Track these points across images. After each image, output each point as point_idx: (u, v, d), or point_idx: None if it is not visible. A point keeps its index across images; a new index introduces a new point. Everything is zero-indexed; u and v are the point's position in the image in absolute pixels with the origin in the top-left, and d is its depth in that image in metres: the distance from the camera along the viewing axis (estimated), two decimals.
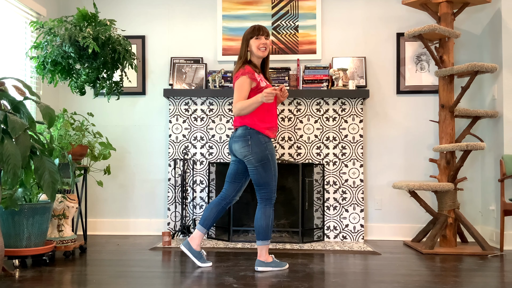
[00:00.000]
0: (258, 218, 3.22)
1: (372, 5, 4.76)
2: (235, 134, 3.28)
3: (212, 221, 3.33)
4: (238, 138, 3.25)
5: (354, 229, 4.47)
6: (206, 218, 3.33)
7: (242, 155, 3.23)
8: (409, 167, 4.66)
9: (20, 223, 3.20)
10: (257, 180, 3.22)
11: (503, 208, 3.89)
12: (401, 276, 3.08)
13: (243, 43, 3.29)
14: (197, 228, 3.36)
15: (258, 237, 3.23)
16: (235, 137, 3.27)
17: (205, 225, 3.33)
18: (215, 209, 3.35)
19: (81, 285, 2.78)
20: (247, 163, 3.23)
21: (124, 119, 4.86)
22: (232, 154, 3.36)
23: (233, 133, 3.31)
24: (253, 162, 3.20)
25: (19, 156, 2.71)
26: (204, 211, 3.37)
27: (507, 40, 4.22)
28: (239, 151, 3.25)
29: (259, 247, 3.23)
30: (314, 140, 4.54)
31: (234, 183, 3.37)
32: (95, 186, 4.82)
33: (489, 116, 4.19)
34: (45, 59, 3.65)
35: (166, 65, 4.85)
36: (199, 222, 3.37)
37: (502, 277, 3.09)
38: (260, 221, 3.21)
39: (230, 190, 3.37)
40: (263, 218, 3.21)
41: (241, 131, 3.24)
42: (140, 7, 4.89)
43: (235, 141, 3.27)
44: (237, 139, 3.25)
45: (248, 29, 3.30)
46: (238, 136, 3.25)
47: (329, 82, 4.59)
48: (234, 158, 3.36)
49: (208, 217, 3.33)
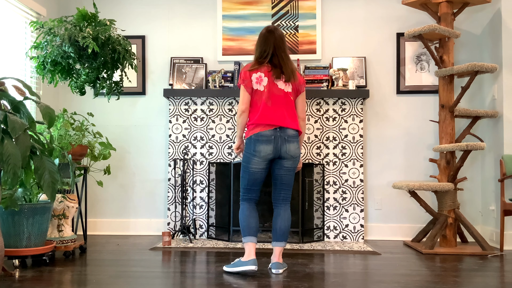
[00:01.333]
0: (286, 219, 3.22)
1: (372, 5, 4.76)
2: (289, 133, 3.18)
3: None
4: (294, 139, 3.20)
5: (354, 229, 4.47)
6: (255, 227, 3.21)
7: (296, 155, 3.21)
8: (409, 167, 4.66)
9: (20, 223, 3.20)
10: (291, 181, 3.27)
11: (503, 208, 3.89)
12: (401, 276, 3.08)
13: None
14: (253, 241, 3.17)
15: (285, 238, 3.20)
16: (291, 137, 3.19)
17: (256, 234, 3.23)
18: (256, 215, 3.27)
19: (81, 285, 2.78)
20: (293, 163, 3.22)
21: (124, 119, 4.86)
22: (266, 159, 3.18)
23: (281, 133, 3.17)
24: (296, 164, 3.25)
25: (19, 156, 2.71)
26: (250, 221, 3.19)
27: (507, 40, 4.22)
28: (294, 152, 3.19)
29: (283, 248, 3.21)
30: (314, 140, 4.54)
31: (260, 188, 3.29)
32: (95, 186, 4.82)
33: (489, 116, 4.19)
34: (45, 59, 3.65)
35: (166, 65, 4.85)
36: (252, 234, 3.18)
37: (502, 277, 3.09)
38: (288, 221, 3.22)
39: (258, 194, 3.30)
40: (290, 218, 3.24)
41: (295, 131, 3.22)
42: (140, 7, 4.89)
43: (290, 142, 3.18)
44: (293, 139, 3.20)
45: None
46: (294, 136, 3.20)
47: (329, 82, 4.59)
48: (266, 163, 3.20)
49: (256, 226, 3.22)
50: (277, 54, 3.22)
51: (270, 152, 3.16)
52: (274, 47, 3.22)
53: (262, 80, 3.20)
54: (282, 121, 3.17)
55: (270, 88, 3.19)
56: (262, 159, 3.16)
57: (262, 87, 3.19)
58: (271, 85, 3.20)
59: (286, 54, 3.25)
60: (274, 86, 3.20)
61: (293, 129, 3.20)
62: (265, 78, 3.19)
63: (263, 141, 3.15)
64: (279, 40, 3.24)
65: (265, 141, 3.15)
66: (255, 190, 3.24)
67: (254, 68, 3.22)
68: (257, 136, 3.16)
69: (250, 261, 3.06)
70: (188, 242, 4.28)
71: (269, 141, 3.15)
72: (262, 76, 3.20)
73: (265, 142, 3.15)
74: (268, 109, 3.17)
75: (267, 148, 3.15)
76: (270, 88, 3.19)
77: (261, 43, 3.26)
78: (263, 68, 3.21)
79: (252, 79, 3.20)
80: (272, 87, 3.20)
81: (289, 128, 3.19)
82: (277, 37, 3.24)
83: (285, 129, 3.18)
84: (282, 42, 3.25)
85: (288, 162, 3.20)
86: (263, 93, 3.19)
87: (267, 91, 3.18)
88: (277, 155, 3.18)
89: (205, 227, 4.55)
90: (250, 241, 3.15)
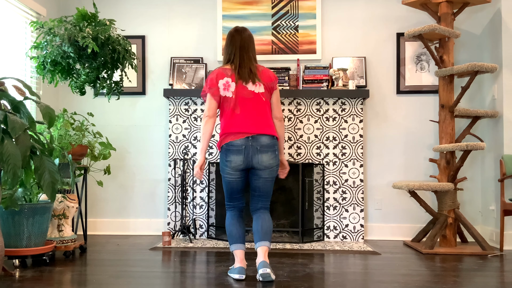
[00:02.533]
0: (267, 220, 3.09)
1: (372, 5, 4.76)
2: (263, 143, 3.03)
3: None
4: (268, 148, 3.04)
5: (354, 229, 4.47)
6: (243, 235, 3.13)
7: (271, 165, 3.06)
8: (409, 167, 4.66)
9: (20, 223, 3.20)
10: (270, 190, 3.14)
11: (503, 208, 3.89)
12: (401, 276, 3.08)
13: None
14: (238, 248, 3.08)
15: (268, 238, 3.06)
16: (264, 147, 3.03)
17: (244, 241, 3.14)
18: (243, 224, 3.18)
19: (81, 285, 2.78)
20: (270, 173, 3.07)
21: (124, 119, 4.86)
22: (237, 169, 3.05)
23: (253, 142, 3.02)
24: (274, 173, 3.12)
25: (19, 156, 2.71)
26: (231, 229, 3.11)
27: (507, 40, 4.22)
28: (268, 162, 3.04)
29: (268, 248, 3.06)
30: (314, 140, 4.54)
31: (244, 195, 3.20)
32: (95, 186, 4.82)
33: (489, 116, 4.19)
34: (45, 59, 3.65)
35: (166, 65, 4.85)
36: (236, 242, 3.09)
37: (502, 277, 3.09)
38: (270, 222, 3.10)
39: (242, 201, 3.20)
40: (271, 220, 3.14)
41: (270, 139, 3.07)
42: (140, 7, 4.89)
43: (263, 152, 3.03)
44: (267, 149, 3.04)
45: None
46: (268, 145, 3.05)
47: (329, 82, 4.59)
48: (240, 173, 3.07)
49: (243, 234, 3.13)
50: (239, 55, 3.09)
51: (240, 163, 3.01)
52: (240, 47, 3.10)
53: (229, 85, 3.05)
54: (254, 128, 3.02)
55: (238, 93, 3.05)
56: (233, 169, 3.03)
57: (230, 93, 3.05)
58: (240, 89, 3.05)
59: (249, 55, 3.11)
60: (243, 89, 3.06)
61: (267, 135, 3.04)
62: (233, 83, 3.05)
63: (234, 151, 3.01)
64: (245, 40, 3.12)
65: (235, 151, 3.01)
66: (237, 198, 3.13)
67: (220, 73, 3.08)
68: (227, 145, 3.03)
69: (235, 269, 2.97)
70: (188, 242, 4.28)
71: (239, 151, 3.00)
72: (230, 82, 3.05)
73: (235, 152, 3.01)
74: (237, 116, 3.04)
75: (237, 158, 3.01)
76: (238, 93, 3.05)
77: (227, 45, 3.15)
78: (229, 72, 3.07)
79: (219, 86, 3.05)
80: (240, 90, 3.05)
81: (263, 134, 3.03)
82: (244, 37, 3.12)
83: (258, 137, 3.02)
84: (248, 42, 3.12)
85: (264, 172, 3.05)
86: (231, 99, 3.05)
87: (235, 97, 3.04)
88: (249, 166, 3.03)
89: (205, 227, 4.55)
90: (235, 249, 3.05)
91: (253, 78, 3.07)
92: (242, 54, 3.10)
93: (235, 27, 3.19)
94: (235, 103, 3.05)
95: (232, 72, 3.08)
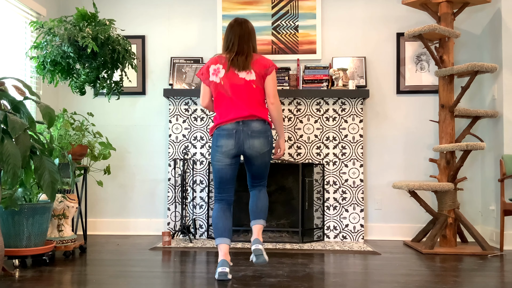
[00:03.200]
0: (263, 197, 3.16)
1: (372, 5, 4.76)
2: (254, 128, 3.04)
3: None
4: (259, 134, 3.04)
5: (354, 229, 4.47)
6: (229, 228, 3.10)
7: (262, 150, 3.07)
8: (409, 167, 4.66)
9: (20, 223, 3.20)
10: (265, 171, 3.18)
11: (503, 208, 3.89)
12: (401, 276, 3.08)
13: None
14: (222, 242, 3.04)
15: (263, 216, 3.12)
16: (255, 132, 3.03)
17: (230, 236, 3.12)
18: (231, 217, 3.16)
19: (81, 285, 2.78)
20: (263, 158, 3.08)
21: (124, 119, 4.86)
22: (229, 154, 3.04)
23: (244, 127, 3.03)
24: (266, 158, 3.12)
25: (19, 156, 2.71)
26: (217, 222, 3.07)
27: (507, 40, 4.22)
28: (259, 147, 3.05)
29: (262, 226, 3.11)
30: (314, 140, 4.54)
31: (232, 188, 3.18)
32: (95, 186, 4.82)
33: (489, 116, 4.19)
34: (45, 59, 3.65)
35: (166, 65, 4.85)
36: (220, 236, 3.05)
37: (502, 277, 3.09)
38: (265, 200, 3.16)
39: (231, 194, 3.18)
40: (266, 198, 3.19)
41: (261, 123, 3.08)
42: (140, 7, 4.89)
43: (254, 137, 3.03)
44: (258, 135, 3.04)
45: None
46: (260, 131, 3.05)
47: (329, 82, 4.59)
48: (231, 159, 3.06)
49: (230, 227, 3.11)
50: (238, 43, 3.13)
51: (232, 147, 3.01)
52: (239, 36, 3.14)
53: (219, 71, 3.09)
54: (244, 112, 3.03)
55: (228, 79, 3.07)
56: (224, 154, 3.02)
57: (218, 78, 3.08)
58: (230, 75, 3.07)
59: (248, 44, 3.15)
60: (233, 76, 3.07)
61: (258, 119, 3.05)
62: (222, 70, 3.08)
63: (224, 135, 3.02)
64: (244, 30, 3.16)
65: (226, 135, 3.02)
66: (226, 190, 3.10)
67: (214, 60, 3.13)
68: (218, 130, 3.05)
69: (219, 262, 2.95)
70: (188, 242, 4.28)
71: (230, 135, 3.01)
72: (220, 68, 3.09)
73: (226, 136, 3.02)
74: (228, 101, 3.06)
75: (229, 142, 3.01)
76: (228, 79, 3.07)
77: (226, 33, 3.19)
78: (223, 60, 3.11)
79: (209, 70, 3.12)
80: (231, 77, 3.07)
81: (253, 119, 3.04)
82: (243, 27, 3.17)
83: (248, 122, 3.04)
84: (247, 33, 3.17)
85: (256, 159, 3.06)
86: (219, 85, 3.08)
87: (224, 83, 3.07)
88: (241, 151, 3.04)
89: (205, 227, 4.55)
90: (219, 243, 3.02)
91: (245, 66, 3.08)
92: (241, 42, 3.14)
93: (236, 18, 3.25)
94: (225, 89, 3.07)
95: (226, 60, 3.11)
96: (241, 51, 3.12)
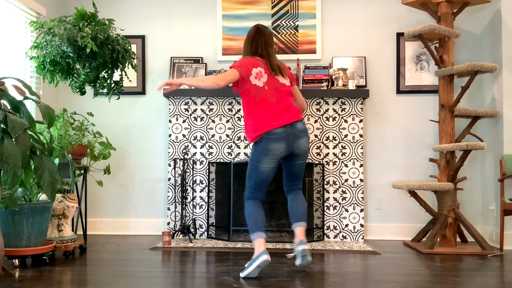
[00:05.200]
0: (302, 200, 3.30)
1: (372, 5, 4.76)
2: (299, 128, 3.18)
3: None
4: (303, 133, 3.20)
5: (354, 228, 4.47)
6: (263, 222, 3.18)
7: (307, 148, 3.23)
8: (409, 167, 4.66)
9: (20, 222, 3.20)
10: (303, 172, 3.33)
11: (503, 208, 3.89)
12: (401, 276, 3.08)
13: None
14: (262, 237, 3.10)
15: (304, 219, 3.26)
16: (301, 132, 3.18)
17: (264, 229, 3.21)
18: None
19: (81, 285, 2.78)
20: (304, 157, 3.24)
21: (124, 119, 4.86)
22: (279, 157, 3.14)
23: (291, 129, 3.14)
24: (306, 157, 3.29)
25: (19, 156, 2.71)
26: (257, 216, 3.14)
27: (507, 40, 4.22)
28: (305, 146, 3.21)
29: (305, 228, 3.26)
30: (314, 140, 4.54)
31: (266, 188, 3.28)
32: (95, 186, 4.82)
33: (489, 116, 4.19)
34: (45, 59, 3.65)
35: (166, 65, 4.85)
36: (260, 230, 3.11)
37: (502, 277, 3.09)
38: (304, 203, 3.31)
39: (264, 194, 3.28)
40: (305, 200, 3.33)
41: (303, 124, 3.23)
42: (140, 7, 4.89)
43: (301, 137, 3.18)
44: (303, 134, 3.20)
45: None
46: (303, 130, 3.21)
47: (329, 82, 4.59)
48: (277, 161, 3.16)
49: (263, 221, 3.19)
50: (265, 49, 3.26)
51: (283, 150, 3.14)
52: (265, 42, 3.27)
53: (262, 76, 3.18)
54: (290, 116, 3.15)
55: (271, 84, 3.18)
56: (274, 157, 3.12)
57: (261, 83, 3.16)
58: (272, 80, 3.20)
59: (273, 50, 3.31)
60: (275, 81, 3.21)
61: (301, 120, 3.21)
62: (265, 75, 3.18)
63: (275, 139, 3.11)
64: (267, 36, 3.29)
65: (277, 139, 3.11)
66: (262, 190, 3.21)
67: (254, 63, 3.19)
68: (268, 134, 3.11)
69: (261, 252, 2.98)
70: (188, 242, 4.28)
71: (282, 138, 3.12)
72: (262, 72, 3.18)
73: (277, 140, 3.11)
74: (274, 106, 3.14)
75: (280, 146, 3.11)
76: (271, 84, 3.18)
77: (251, 38, 3.29)
78: (262, 64, 3.21)
79: (251, 73, 3.16)
80: (273, 81, 3.20)
81: (297, 120, 3.18)
82: (266, 33, 3.29)
83: (294, 124, 3.17)
84: (271, 39, 3.31)
85: (301, 157, 3.23)
86: (262, 89, 3.15)
87: (268, 88, 3.16)
88: (290, 151, 3.17)
89: (205, 227, 4.55)
90: (259, 237, 3.07)
91: (281, 71, 3.26)
92: (268, 48, 3.28)
93: (256, 25, 3.34)
94: (270, 94, 3.16)
95: (265, 64, 3.23)
96: (270, 56, 3.27)
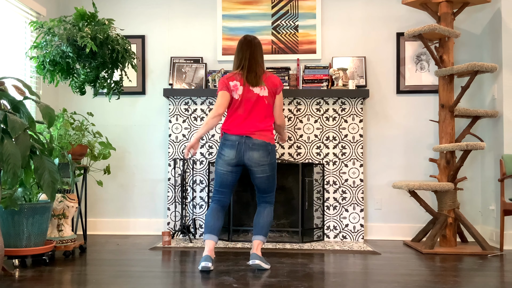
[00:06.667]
0: (266, 215, 3.33)
1: (372, 5, 4.76)
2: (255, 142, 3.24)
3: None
4: (259, 147, 3.25)
5: (354, 228, 4.47)
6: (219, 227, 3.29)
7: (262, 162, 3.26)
8: (409, 167, 4.66)
9: (20, 222, 3.20)
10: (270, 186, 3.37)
11: (503, 208, 3.89)
12: (401, 276, 3.08)
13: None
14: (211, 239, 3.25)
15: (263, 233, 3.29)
16: (256, 145, 3.24)
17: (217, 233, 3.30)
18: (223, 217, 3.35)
19: (81, 285, 2.78)
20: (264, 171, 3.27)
21: (124, 119, 4.85)
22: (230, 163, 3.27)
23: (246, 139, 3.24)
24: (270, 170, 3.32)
25: (19, 156, 2.71)
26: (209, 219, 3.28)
27: (507, 40, 4.22)
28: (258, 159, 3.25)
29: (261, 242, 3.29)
30: (314, 140, 4.54)
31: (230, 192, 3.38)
32: (95, 186, 4.82)
33: (489, 116, 4.19)
34: (45, 59, 3.65)
35: (166, 64, 4.85)
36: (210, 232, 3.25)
37: (502, 277, 3.09)
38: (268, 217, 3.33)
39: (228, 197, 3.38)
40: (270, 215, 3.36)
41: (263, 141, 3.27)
42: (140, 7, 4.89)
43: (254, 149, 3.24)
44: (258, 148, 3.25)
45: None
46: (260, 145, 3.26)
47: (329, 81, 4.59)
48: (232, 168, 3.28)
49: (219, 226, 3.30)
50: (248, 61, 3.33)
51: (233, 157, 3.25)
52: (250, 53, 3.34)
53: (237, 88, 3.29)
54: (250, 128, 3.25)
55: (243, 95, 3.28)
56: (226, 163, 3.26)
57: (237, 95, 3.29)
58: (245, 92, 3.28)
59: (257, 60, 3.35)
60: (248, 92, 3.29)
61: (261, 138, 3.25)
62: (240, 87, 3.29)
63: (228, 145, 3.26)
64: (255, 47, 3.36)
65: (229, 145, 3.26)
66: (224, 193, 3.32)
67: (230, 77, 3.32)
68: (224, 139, 3.29)
69: (203, 257, 3.14)
70: (188, 241, 4.28)
71: (233, 146, 3.24)
72: (238, 85, 3.29)
73: (229, 146, 3.25)
74: (239, 117, 3.28)
75: (230, 153, 3.24)
76: (244, 95, 3.28)
77: (237, 52, 3.39)
78: (238, 77, 3.31)
79: (229, 84, 3.30)
80: (246, 93, 3.28)
81: (257, 138, 3.25)
82: (253, 44, 3.36)
83: (250, 136, 3.26)
84: (256, 49, 3.36)
85: (258, 170, 3.26)
86: (236, 101, 3.29)
87: (241, 99, 3.28)
88: (241, 162, 3.26)
89: None
90: (207, 238, 3.23)
91: (258, 82, 3.31)
92: (251, 59, 3.34)
93: (245, 35, 3.43)
94: (240, 104, 3.29)
95: (241, 77, 3.32)
96: (253, 68, 3.33)
